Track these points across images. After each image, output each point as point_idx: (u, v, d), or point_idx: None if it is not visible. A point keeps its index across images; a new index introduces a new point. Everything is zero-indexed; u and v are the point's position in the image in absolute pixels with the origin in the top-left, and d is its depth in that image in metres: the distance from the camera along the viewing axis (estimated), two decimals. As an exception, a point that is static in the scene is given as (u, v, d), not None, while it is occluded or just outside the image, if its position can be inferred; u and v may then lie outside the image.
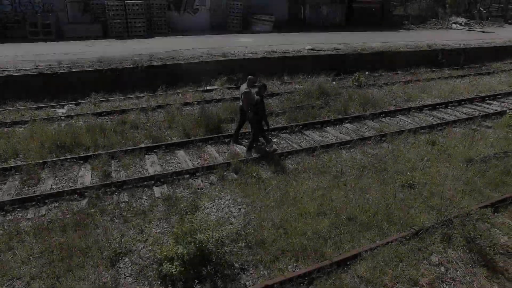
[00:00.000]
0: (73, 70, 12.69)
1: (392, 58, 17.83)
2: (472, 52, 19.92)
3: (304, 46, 17.37)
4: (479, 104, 13.30)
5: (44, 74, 12.19)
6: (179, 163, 8.47)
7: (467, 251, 5.82)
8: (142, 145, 9.19)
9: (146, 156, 8.73)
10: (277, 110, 11.35)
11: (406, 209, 6.76)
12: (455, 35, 23.92)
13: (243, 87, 8.87)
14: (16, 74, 11.94)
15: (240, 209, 6.72)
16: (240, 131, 9.57)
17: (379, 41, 19.82)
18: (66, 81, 12.42)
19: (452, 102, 13.14)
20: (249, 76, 9.16)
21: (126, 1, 18.23)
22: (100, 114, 11.13)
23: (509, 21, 29.97)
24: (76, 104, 12.05)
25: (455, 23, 27.18)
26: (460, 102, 13.27)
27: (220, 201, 6.98)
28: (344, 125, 10.81)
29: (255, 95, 8.46)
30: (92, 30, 17.94)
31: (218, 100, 12.33)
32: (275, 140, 9.63)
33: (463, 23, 27.04)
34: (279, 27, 22.23)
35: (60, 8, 18.36)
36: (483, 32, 25.89)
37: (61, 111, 11.59)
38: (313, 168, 8.05)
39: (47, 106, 11.69)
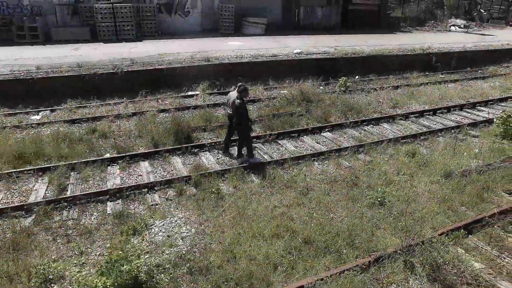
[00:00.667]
0: (51, 76, 12.29)
1: (384, 61, 17.16)
2: (468, 55, 19.14)
3: (294, 49, 16.78)
4: (469, 110, 12.60)
5: (19, 79, 11.80)
6: (141, 175, 7.98)
7: (431, 281, 5.23)
8: (107, 155, 8.72)
9: (109, 167, 8.25)
10: (254, 117, 10.77)
11: (371, 231, 6.19)
12: (452, 38, 23.10)
13: (233, 94, 8.25)
14: (-10, 79, 11.59)
15: (191, 229, 6.20)
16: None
17: (374, 44, 19.15)
18: (43, 87, 12.02)
19: (440, 108, 12.46)
20: (239, 83, 8.65)
21: (114, 4, 17.82)
22: (73, 122, 10.70)
23: (510, 23, 28.97)
24: (52, 111, 11.64)
25: (454, 25, 26.31)
26: (449, 109, 12.59)
27: (172, 219, 6.47)
28: (323, 134, 10.22)
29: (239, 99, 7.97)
30: (80, 33, 17.56)
31: (196, 107, 11.82)
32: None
33: (462, 26, 26.16)
34: (272, 30, 21.65)
35: (49, 11, 18.01)
36: (482, 34, 25.00)
37: (35, 117, 11.19)
38: (279, 183, 7.50)
39: (21, 113, 11.31)
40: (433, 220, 6.53)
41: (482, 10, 29.22)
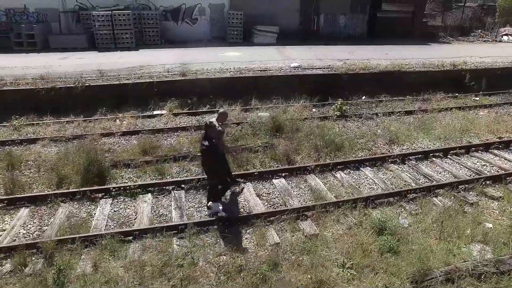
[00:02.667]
0: (3, 89, 10.81)
1: (402, 79, 13.59)
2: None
3: (292, 62, 13.90)
4: (498, 152, 8.90)
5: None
6: (3, 231, 5.88)
7: None
8: (-7, 195, 6.79)
9: (-21, 214, 6.29)
10: (196, 152, 8.22)
11: None
12: (500, 50, 18.42)
13: (214, 123, 5.99)
14: None
15: None
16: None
17: (396, 56, 15.54)
18: (-7, 101, 10.56)
19: (455, 148, 8.91)
20: (220, 110, 6.51)
21: (113, 12, 16.27)
22: (2, 143, 9.01)
23: None
24: (-2, 127, 10.14)
25: (506, 34, 21.29)
26: (468, 149, 8.99)
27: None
28: (275, 180, 7.38)
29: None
30: (78, 41, 16.25)
31: (149, 131, 9.57)
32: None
33: (517, 35, 21.10)
34: (287, 39, 18.74)
35: (53, 18, 16.97)
36: (542, 46, 19.84)
37: (-26, 135, 9.73)
38: (154, 266, 4.93)
39: (-37, 129, 9.93)
40: None
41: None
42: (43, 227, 5.97)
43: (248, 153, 8.20)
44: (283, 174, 7.57)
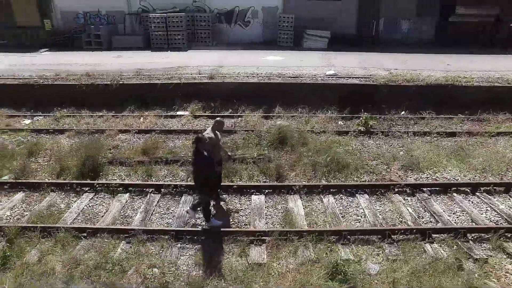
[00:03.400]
0: (54, 83, 12.18)
1: (455, 94, 11.70)
2: None
3: (327, 70, 13.01)
4: (550, 196, 7.06)
5: (27, 84, 12.03)
6: (-7, 212, 6.59)
7: None
8: (4, 178, 7.66)
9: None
10: (188, 156, 8.15)
11: None
12: None
13: (204, 137, 5.81)
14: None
15: None
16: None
17: (462, 68, 13.44)
18: (44, 93, 11.93)
19: (489, 184, 7.30)
20: (217, 119, 6.52)
21: (168, 14, 17.23)
22: (39, 131, 10.17)
23: None
24: (45, 117, 11.46)
25: None
26: (509, 187, 7.29)
27: None
28: (253, 196, 6.92)
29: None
30: (136, 41, 17.61)
31: (163, 131, 9.86)
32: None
33: None
34: (340, 44, 17.56)
35: (120, 20, 18.63)
36: None
37: (25, 122, 11.18)
38: (88, 265, 4.99)
39: (19, 116, 11.46)
40: None
41: None
42: (25, 212, 6.52)
43: (239, 163, 7.87)
44: (265, 191, 7.07)
